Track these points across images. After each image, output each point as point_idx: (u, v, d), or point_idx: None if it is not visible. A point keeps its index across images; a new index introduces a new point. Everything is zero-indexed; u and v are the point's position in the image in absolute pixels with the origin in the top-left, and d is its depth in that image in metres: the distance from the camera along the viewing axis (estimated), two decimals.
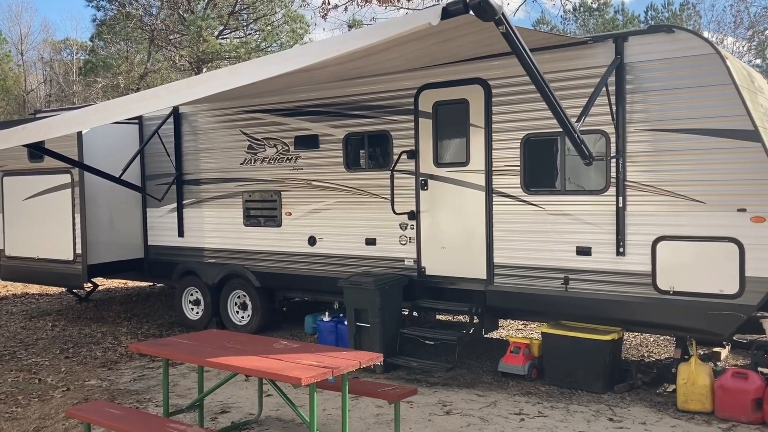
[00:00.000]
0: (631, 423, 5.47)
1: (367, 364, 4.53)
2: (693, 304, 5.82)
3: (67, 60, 43.79)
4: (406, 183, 7.42)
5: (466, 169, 7.04)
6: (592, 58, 6.24)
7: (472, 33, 5.53)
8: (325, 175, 8.03)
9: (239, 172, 8.79)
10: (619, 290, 6.17)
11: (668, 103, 5.94)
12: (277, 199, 8.44)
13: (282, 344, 5.03)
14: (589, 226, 6.32)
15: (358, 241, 7.80)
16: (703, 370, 5.73)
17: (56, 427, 5.68)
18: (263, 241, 8.59)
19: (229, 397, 6.31)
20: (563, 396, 6.16)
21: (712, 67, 5.70)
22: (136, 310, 10.86)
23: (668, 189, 5.93)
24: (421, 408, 5.92)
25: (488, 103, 6.85)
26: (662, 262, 5.96)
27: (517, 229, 6.74)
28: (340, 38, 5.02)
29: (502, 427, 5.43)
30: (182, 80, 6.34)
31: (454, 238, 7.17)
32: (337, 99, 7.90)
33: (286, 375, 4.17)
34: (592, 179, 6.33)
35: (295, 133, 8.25)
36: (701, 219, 5.79)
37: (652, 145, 6.01)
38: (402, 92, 7.42)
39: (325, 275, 7.98)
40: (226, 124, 8.92)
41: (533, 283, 6.65)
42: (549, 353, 6.47)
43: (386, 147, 7.59)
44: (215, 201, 9.06)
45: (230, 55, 24.75)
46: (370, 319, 6.99)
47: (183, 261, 9.36)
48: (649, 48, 6.00)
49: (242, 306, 8.94)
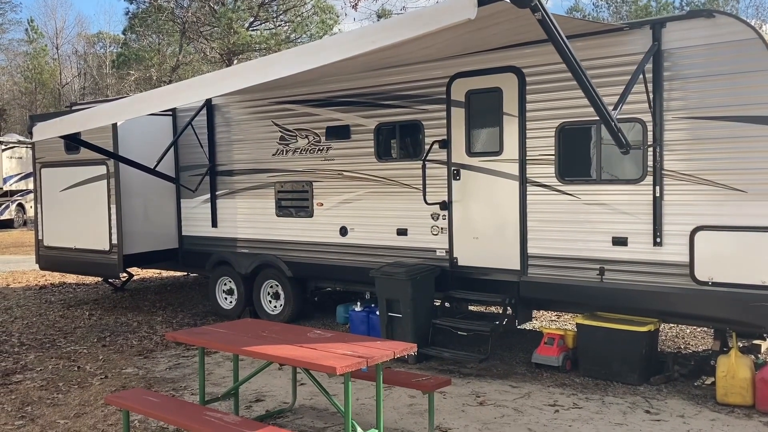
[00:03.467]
0: (669, 416, 5.39)
1: (401, 354, 4.52)
2: (733, 295, 5.69)
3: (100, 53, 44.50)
4: (438, 173, 7.38)
5: (500, 159, 6.97)
6: (629, 45, 6.12)
7: (507, 21, 5.46)
8: (357, 165, 8.02)
9: (271, 162, 8.83)
10: (655, 281, 6.07)
11: (708, 90, 5.80)
12: (309, 189, 8.47)
13: (316, 333, 5.05)
14: (625, 216, 6.22)
15: (389, 232, 7.79)
16: (743, 362, 5.61)
17: (96, 414, 5.79)
18: (295, 231, 8.63)
19: (264, 386, 6.37)
20: (598, 388, 6.09)
21: (754, 53, 5.54)
22: (170, 299, 11.02)
23: (707, 178, 5.80)
24: (454, 398, 5.90)
25: (522, 91, 6.77)
26: (701, 252, 5.84)
27: (552, 219, 6.66)
28: (373, 32, 4.98)
29: (536, 419, 5.39)
30: (217, 72, 6.37)
31: (487, 228, 7.12)
32: (368, 89, 7.88)
33: (321, 364, 4.18)
34: (629, 168, 6.22)
35: (327, 123, 8.26)
36: (742, 208, 5.65)
37: (691, 133, 5.88)
38: (434, 81, 7.37)
39: (356, 265, 7.99)
40: (258, 115, 8.96)
41: (568, 274, 6.57)
42: (584, 345, 6.40)
43: (418, 137, 7.56)
44: (248, 192, 9.13)
45: (260, 47, 24.87)
46: (402, 310, 6.98)
47: (216, 251, 9.45)
48: (687, 34, 5.86)
49: (275, 296, 9.01)
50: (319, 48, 5.31)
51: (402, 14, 5.81)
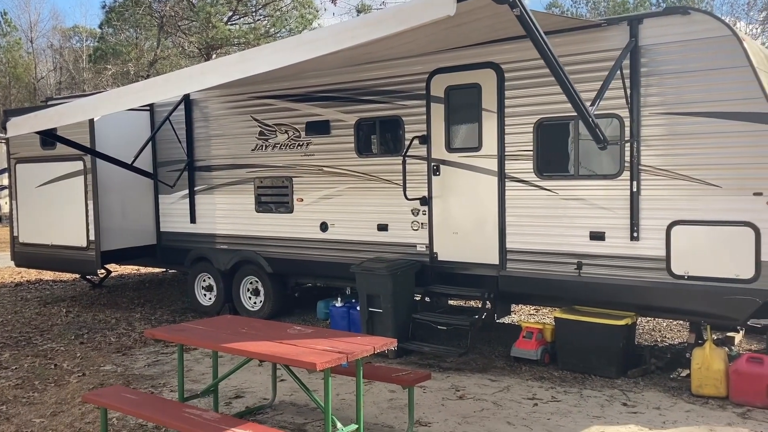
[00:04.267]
0: (645, 408, 5.46)
1: (381, 349, 4.53)
2: (708, 288, 5.78)
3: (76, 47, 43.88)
4: (418, 168, 7.40)
5: (479, 154, 7.00)
6: (607, 41, 6.17)
7: (486, 17, 5.48)
8: (337, 160, 8.01)
9: (250, 158, 8.79)
10: (633, 275, 6.14)
11: (684, 86, 5.87)
12: (289, 185, 8.44)
13: (296, 330, 5.04)
14: (602, 211, 6.28)
15: (370, 227, 7.80)
16: (717, 355, 5.70)
17: (73, 412, 5.74)
18: (275, 227, 8.60)
19: (243, 382, 6.35)
20: (576, 381, 6.16)
21: (728, 50, 5.62)
22: (149, 296, 10.93)
23: (683, 173, 5.87)
24: (434, 393, 5.93)
25: (501, 87, 6.80)
26: (677, 246, 5.92)
27: (530, 214, 6.71)
28: (352, 27, 4.97)
29: (515, 412, 5.44)
30: (194, 66, 6.32)
31: (467, 223, 7.15)
32: (348, 84, 7.87)
33: (301, 360, 4.18)
34: (606, 163, 6.28)
35: (307, 118, 8.24)
36: (717, 203, 5.74)
37: (668, 129, 5.95)
38: (413, 77, 7.38)
39: (337, 261, 7.99)
40: (237, 110, 8.91)
41: (546, 268, 6.63)
42: (562, 338, 6.46)
43: (398, 132, 7.56)
44: (227, 187, 9.08)
45: (239, 42, 24.69)
46: (382, 305, 7.00)
47: (195, 247, 9.40)
48: (664, 30, 5.93)
49: (255, 292, 8.98)
50: (298, 43, 5.28)
51: (382, 10, 5.79)
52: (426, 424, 5.24)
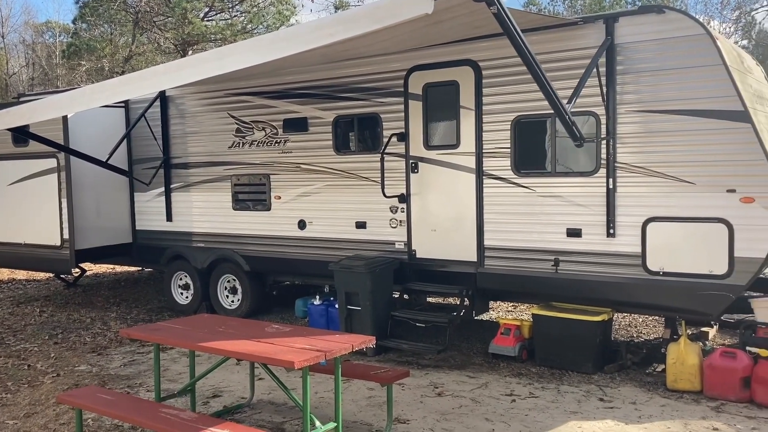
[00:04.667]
0: (622, 403, 5.52)
1: (359, 347, 4.52)
2: (683, 284, 5.85)
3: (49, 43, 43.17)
4: (397, 166, 7.39)
5: (457, 152, 7.02)
6: (583, 39, 6.21)
7: (464, 14, 5.49)
8: (315, 158, 7.98)
9: (227, 155, 8.72)
10: (609, 271, 6.20)
11: (659, 84, 5.92)
12: (266, 182, 8.39)
13: (274, 328, 5.01)
14: (579, 208, 6.33)
15: (348, 225, 7.78)
16: (692, 349, 5.78)
17: (47, 413, 5.65)
18: (253, 225, 8.55)
19: (221, 381, 6.30)
20: (554, 377, 6.20)
21: (702, 48, 5.68)
22: (124, 295, 10.81)
23: (658, 170, 5.94)
24: (412, 390, 5.94)
25: (478, 84, 6.81)
26: (652, 243, 5.98)
27: (508, 212, 6.74)
28: (329, 24, 4.94)
29: (493, 408, 5.46)
30: (170, 62, 6.25)
31: (445, 220, 7.16)
32: (326, 81, 7.84)
33: (279, 359, 4.15)
34: (583, 161, 6.33)
35: (284, 115, 8.19)
36: (691, 200, 5.81)
37: (643, 127, 6.01)
38: (391, 74, 7.37)
39: (315, 259, 7.96)
40: (213, 107, 8.83)
41: (523, 265, 6.66)
42: (539, 334, 6.50)
43: (376, 129, 7.55)
44: (204, 185, 8.99)
45: (216, 38, 24.46)
46: (361, 303, 6.99)
47: (172, 245, 9.30)
48: (639, 29, 5.98)
49: (232, 290, 8.91)
50: (275, 40, 5.24)
51: (359, 7, 5.76)
52: (405, 421, 5.25)
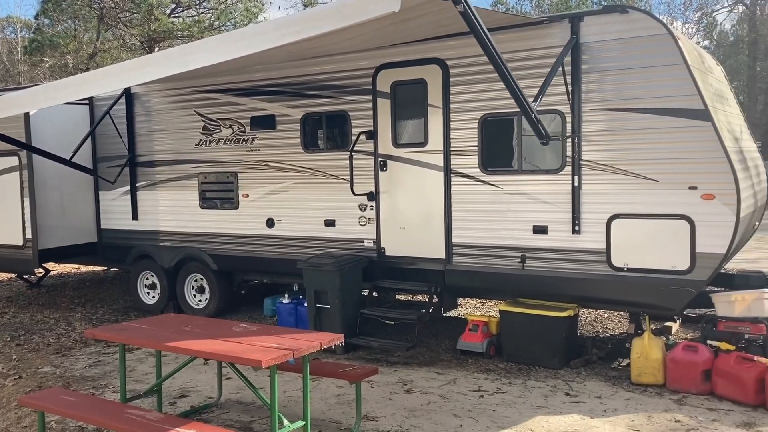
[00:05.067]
0: (587, 397, 5.60)
1: (328, 345, 4.52)
2: (646, 280, 5.96)
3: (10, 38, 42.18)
4: (365, 164, 7.39)
5: (425, 150, 7.04)
6: (549, 38, 6.28)
7: (431, 13, 5.50)
8: (283, 156, 7.94)
9: (194, 153, 8.63)
10: (574, 268, 6.28)
11: (623, 83, 6.02)
12: (234, 180, 8.33)
13: (241, 327, 4.98)
14: (545, 205, 6.40)
15: (317, 223, 7.76)
16: (655, 344, 5.88)
17: (9, 416, 5.54)
18: (220, 223, 8.47)
19: (188, 381, 6.24)
20: (521, 372, 6.27)
21: (664, 48, 5.79)
22: (90, 295, 10.63)
23: (622, 168, 6.03)
24: (381, 387, 5.95)
25: (446, 83, 6.85)
26: (616, 239, 6.08)
27: (475, 209, 6.79)
28: (296, 21, 4.92)
29: (461, 404, 5.50)
30: (135, 59, 6.17)
31: (414, 218, 7.18)
32: (294, 78, 7.80)
33: (247, 358, 4.13)
34: (549, 159, 6.40)
35: (252, 113, 8.13)
36: (654, 197, 5.91)
37: (607, 125, 6.10)
38: (360, 72, 7.36)
39: (283, 257, 7.92)
40: (179, 104, 8.73)
41: (491, 262, 6.72)
42: (507, 330, 6.56)
43: (344, 127, 7.54)
44: (170, 183, 8.89)
45: (183, 34, 24.19)
46: (330, 301, 6.98)
47: (138, 245, 9.18)
48: (603, 28, 6.06)
49: (200, 289, 8.83)
50: (241, 37, 5.20)
51: (326, 5, 5.73)
52: (373, 418, 5.26)
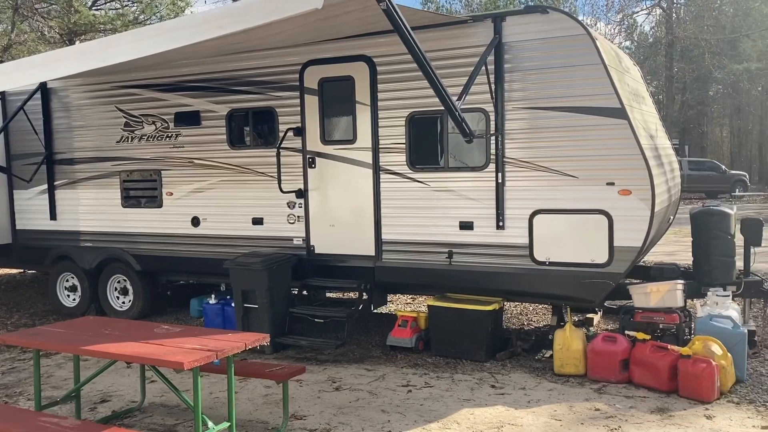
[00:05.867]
0: (512, 389, 5.73)
1: (253, 345, 4.46)
2: (567, 273, 6.15)
3: None
4: (293, 161, 7.33)
5: (354, 147, 7.04)
6: (473, 37, 6.38)
7: (356, 10, 5.51)
8: (208, 153, 7.78)
9: (116, 150, 8.36)
10: (499, 262, 6.42)
11: (544, 81, 6.17)
12: (158, 178, 8.11)
13: (164, 329, 4.86)
14: (471, 202, 6.51)
15: (244, 221, 7.64)
16: (576, 335, 6.07)
17: None
18: (143, 222, 8.24)
19: (110, 386, 6.05)
20: (449, 366, 6.35)
21: (583, 48, 5.97)
22: (4, 299, 10.15)
23: (544, 165, 6.19)
24: (310, 386, 5.92)
25: (373, 80, 6.86)
26: (538, 234, 6.24)
27: (404, 206, 6.83)
28: (218, 16, 4.84)
29: (390, 400, 5.54)
30: (48, 53, 5.92)
31: (343, 215, 7.18)
32: (219, 74, 7.66)
33: (168, 360, 4.03)
34: (474, 156, 6.51)
35: (175, 109, 7.94)
36: (574, 193, 6.10)
37: (529, 123, 6.25)
38: (286, 68, 7.29)
39: (210, 257, 7.77)
40: (99, 99, 8.44)
41: (420, 258, 6.78)
42: (435, 325, 6.64)
43: (272, 124, 7.45)
44: (90, 181, 8.59)
45: (105, 28, 23.37)
46: (258, 300, 6.89)
47: (56, 245, 8.83)
48: (525, 28, 6.20)
49: (123, 291, 8.57)
50: (162, 31, 5.08)
51: (250, 0, 5.64)
52: (301, 417, 5.23)
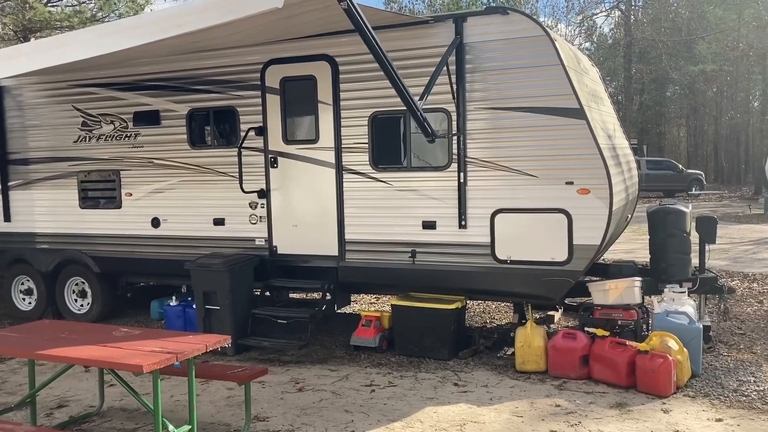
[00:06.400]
0: (475, 387, 5.78)
1: (214, 347, 4.42)
2: (528, 271, 6.22)
3: None
4: (255, 161, 7.27)
5: (316, 147, 7.02)
6: (435, 37, 6.41)
7: (317, 9, 5.49)
8: (168, 152, 7.68)
9: (73, 150, 8.19)
10: (461, 261, 6.46)
11: (505, 82, 6.24)
12: (116, 179, 7.97)
13: (123, 331, 4.79)
14: (433, 201, 6.54)
15: (205, 222, 7.56)
16: (537, 332, 6.15)
17: None
18: (102, 224, 8.09)
19: (68, 391, 5.93)
20: (412, 365, 6.38)
21: (542, 49, 6.05)
22: None
23: (505, 164, 6.26)
24: (273, 387, 5.89)
25: (336, 80, 6.84)
26: (500, 233, 6.30)
27: (367, 206, 6.83)
28: (177, 14, 4.78)
29: (353, 400, 5.54)
30: (2, 50, 5.78)
31: (306, 215, 7.15)
32: (180, 73, 7.56)
33: (126, 363, 3.97)
34: (436, 156, 6.54)
35: (134, 108, 7.81)
36: (534, 192, 6.17)
37: (491, 123, 6.30)
38: (248, 67, 7.23)
39: (170, 258, 7.66)
40: (56, 98, 8.26)
41: (383, 258, 6.79)
42: (398, 324, 6.66)
43: (233, 123, 7.39)
44: (47, 182, 8.40)
45: (62, 25, 22.84)
46: (219, 302, 6.82)
47: (11, 248, 8.62)
48: (486, 29, 6.26)
49: (81, 293, 8.40)
50: (120, 29, 5.00)
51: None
52: (264, 419, 5.19)
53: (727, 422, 4.89)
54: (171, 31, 4.64)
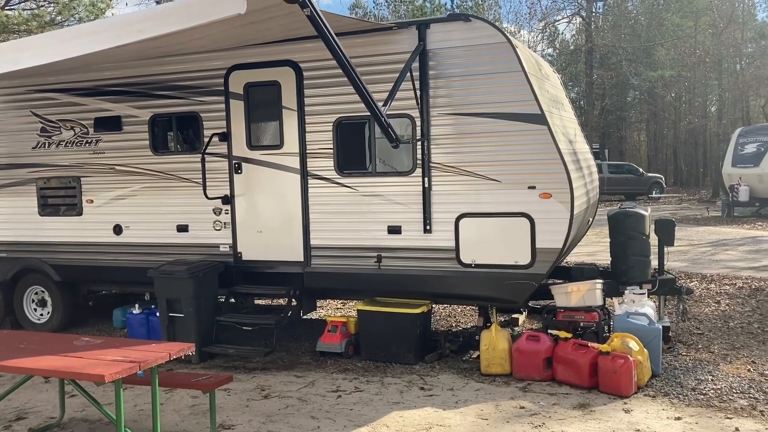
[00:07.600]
0: (441, 390, 5.81)
1: (177, 355, 4.38)
2: (492, 275, 6.29)
3: None
4: (219, 166, 7.23)
5: (281, 152, 7.00)
6: (398, 44, 6.45)
7: (280, 15, 5.49)
8: (130, 159, 7.58)
9: (32, 156, 8.04)
10: (427, 265, 6.51)
11: (467, 88, 6.31)
12: (77, 185, 7.84)
13: (84, 341, 4.71)
14: (399, 206, 6.57)
15: (169, 228, 7.48)
16: (502, 335, 6.22)
17: None
18: (62, 231, 7.94)
19: (27, 402, 5.80)
20: (378, 370, 6.39)
21: (503, 55, 6.13)
22: None
23: (468, 169, 6.32)
24: (238, 394, 5.85)
25: (300, 85, 6.85)
26: (464, 237, 6.37)
27: (333, 211, 6.84)
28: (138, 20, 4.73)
29: (319, 406, 5.53)
30: None
31: (271, 221, 7.12)
32: (141, 78, 7.47)
33: (87, 373, 3.91)
34: (401, 161, 6.58)
35: (95, 114, 7.70)
36: (497, 197, 6.25)
37: (454, 129, 6.37)
38: (211, 72, 7.18)
39: (133, 265, 7.55)
40: (13, 104, 8.09)
41: (349, 263, 6.80)
42: (364, 329, 6.67)
43: (196, 129, 7.33)
44: (5, 189, 8.23)
45: (20, 29, 22.37)
46: (183, 309, 6.75)
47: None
48: (449, 35, 6.33)
49: (41, 302, 8.23)
50: (79, 34, 4.94)
51: (171, 3, 5.50)
52: (229, 426, 5.15)
53: (686, 420, 5.01)
54: (131, 37, 4.59)
